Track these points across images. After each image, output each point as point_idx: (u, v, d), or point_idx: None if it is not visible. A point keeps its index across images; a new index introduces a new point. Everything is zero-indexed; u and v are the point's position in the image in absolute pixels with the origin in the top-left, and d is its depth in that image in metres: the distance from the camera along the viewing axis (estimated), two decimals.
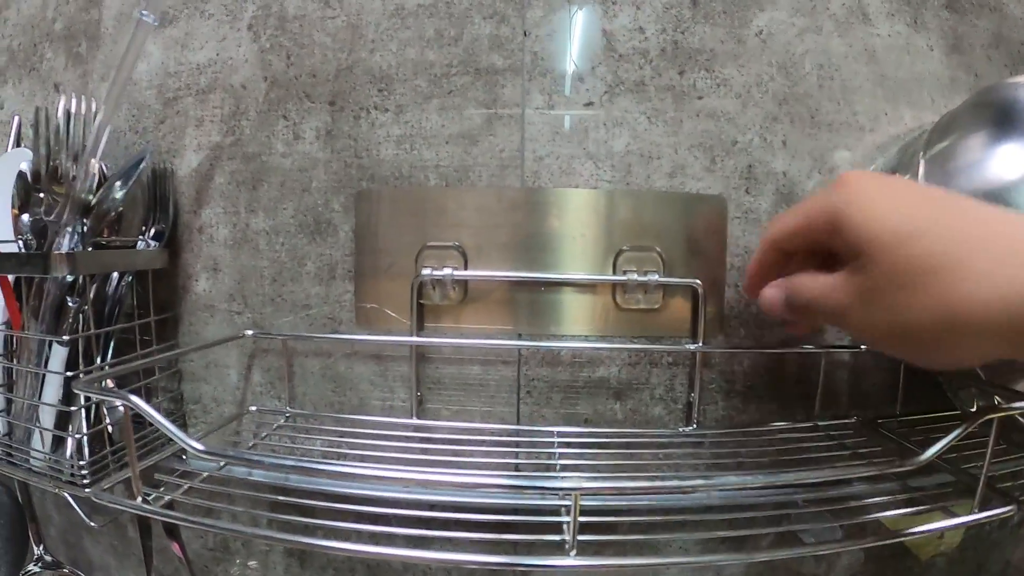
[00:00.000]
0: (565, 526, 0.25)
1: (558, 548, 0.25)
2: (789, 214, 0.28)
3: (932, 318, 0.21)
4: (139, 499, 0.30)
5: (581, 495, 0.22)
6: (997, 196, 0.32)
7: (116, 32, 0.44)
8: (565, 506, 0.28)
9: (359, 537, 0.30)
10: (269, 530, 0.34)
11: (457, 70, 0.36)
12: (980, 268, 0.20)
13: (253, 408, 0.40)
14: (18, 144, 0.48)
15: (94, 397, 0.34)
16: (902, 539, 0.30)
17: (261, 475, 0.38)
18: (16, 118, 0.47)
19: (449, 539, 0.33)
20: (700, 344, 0.35)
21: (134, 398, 0.28)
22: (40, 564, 0.50)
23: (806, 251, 0.28)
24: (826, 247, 0.26)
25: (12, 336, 0.40)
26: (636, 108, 0.36)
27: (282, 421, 0.39)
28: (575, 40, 0.36)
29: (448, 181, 0.37)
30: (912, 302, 0.22)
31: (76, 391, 0.33)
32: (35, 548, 0.51)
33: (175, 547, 0.42)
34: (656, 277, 0.34)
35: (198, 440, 0.27)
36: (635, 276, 0.34)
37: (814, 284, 0.26)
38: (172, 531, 0.42)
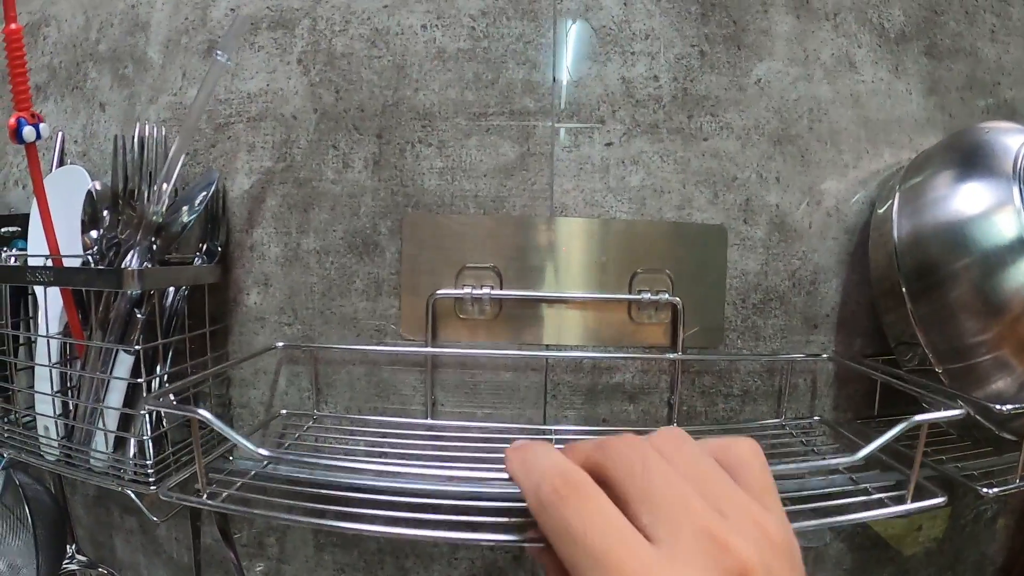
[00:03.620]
0: None
1: None
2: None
3: None
4: (204, 496, 0.38)
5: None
6: (959, 228, 0.42)
7: (164, 59, 0.52)
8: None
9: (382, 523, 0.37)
10: (306, 516, 0.41)
11: (494, 110, 0.46)
12: None
13: (284, 411, 0.49)
14: (62, 160, 0.55)
15: (164, 411, 0.42)
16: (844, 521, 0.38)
17: (305, 473, 0.46)
18: (60, 134, 0.55)
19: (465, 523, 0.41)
20: (680, 353, 0.45)
21: (203, 412, 0.36)
22: (76, 562, 0.58)
23: None
24: None
25: (68, 344, 0.48)
26: (650, 148, 0.46)
27: (311, 423, 0.47)
28: (598, 86, 0.46)
29: (485, 210, 0.46)
30: None
31: (148, 407, 0.41)
32: (68, 547, 0.58)
33: (230, 553, 0.49)
34: (666, 296, 0.44)
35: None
36: (647, 295, 0.44)
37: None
38: (226, 536, 0.50)
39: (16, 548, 0.55)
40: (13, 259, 0.51)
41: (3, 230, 0.56)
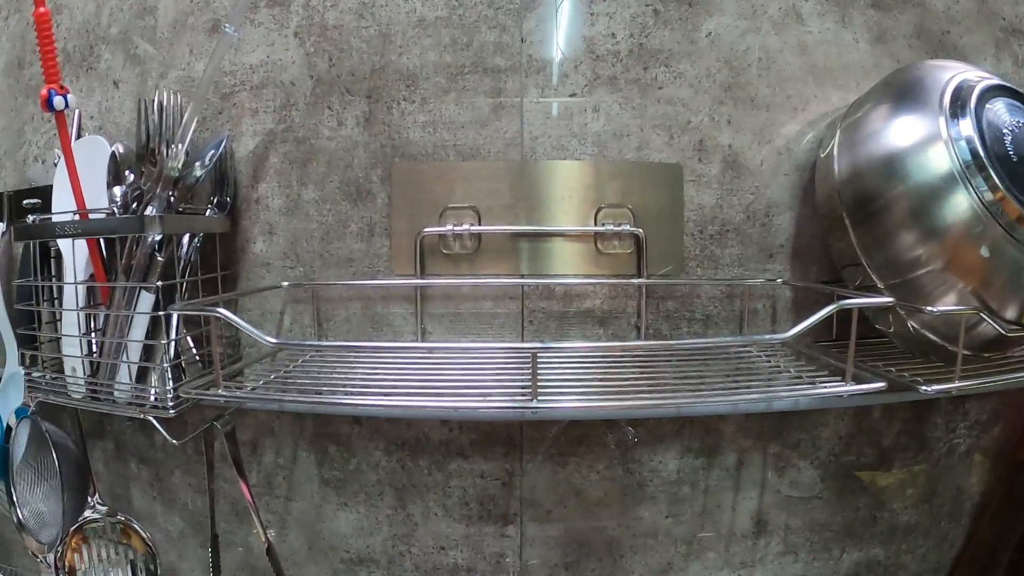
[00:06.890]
0: (530, 382, 0.43)
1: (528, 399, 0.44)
2: None
3: None
4: (221, 389, 0.48)
5: (539, 352, 0.42)
6: (892, 159, 0.53)
7: (172, 37, 0.65)
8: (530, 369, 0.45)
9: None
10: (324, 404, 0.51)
11: (469, 70, 0.57)
12: None
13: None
14: (79, 134, 0.68)
15: (192, 312, 0.53)
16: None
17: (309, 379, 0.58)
18: (77, 111, 0.68)
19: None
20: (645, 279, 0.56)
21: (221, 309, 0.47)
22: (96, 511, 0.69)
23: None
24: None
25: (93, 289, 0.60)
26: (610, 97, 0.57)
27: (313, 353, 0.58)
28: (561, 44, 0.58)
29: (464, 157, 0.57)
30: None
31: (173, 312, 0.52)
32: (89, 498, 0.70)
33: (242, 486, 0.61)
34: (628, 227, 0.55)
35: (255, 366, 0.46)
36: (611, 227, 0.55)
37: None
38: (240, 470, 0.61)
39: (40, 496, 0.66)
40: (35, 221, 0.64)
41: (25, 202, 0.69)
